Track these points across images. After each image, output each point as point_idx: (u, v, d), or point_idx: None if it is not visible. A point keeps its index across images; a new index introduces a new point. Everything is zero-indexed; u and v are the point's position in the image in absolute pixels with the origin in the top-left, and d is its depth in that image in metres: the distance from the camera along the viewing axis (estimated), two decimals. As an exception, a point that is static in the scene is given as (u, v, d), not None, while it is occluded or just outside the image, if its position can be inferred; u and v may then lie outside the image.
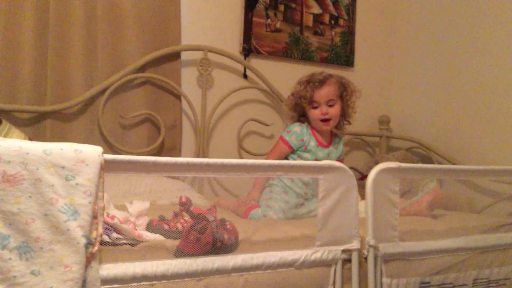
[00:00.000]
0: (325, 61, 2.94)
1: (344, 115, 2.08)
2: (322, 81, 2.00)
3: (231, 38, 2.68)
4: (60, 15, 2.22)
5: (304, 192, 1.98)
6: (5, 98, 2.12)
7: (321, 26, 2.92)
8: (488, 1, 2.60)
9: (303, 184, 1.98)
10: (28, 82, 2.15)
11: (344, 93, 2.04)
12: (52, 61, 2.21)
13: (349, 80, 2.09)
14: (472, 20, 2.68)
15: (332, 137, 2.11)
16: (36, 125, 2.20)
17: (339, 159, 2.09)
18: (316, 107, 2.01)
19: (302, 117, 2.09)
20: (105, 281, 1.08)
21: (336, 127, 2.09)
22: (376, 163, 2.15)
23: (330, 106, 2.00)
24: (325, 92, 1.99)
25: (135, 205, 1.31)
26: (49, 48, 2.20)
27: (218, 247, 1.23)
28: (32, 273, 0.98)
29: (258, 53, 2.72)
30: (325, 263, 1.39)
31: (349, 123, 2.13)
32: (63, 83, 2.24)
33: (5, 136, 1.79)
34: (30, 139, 1.90)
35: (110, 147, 2.31)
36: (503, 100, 2.50)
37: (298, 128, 2.04)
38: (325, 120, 2.01)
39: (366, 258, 1.42)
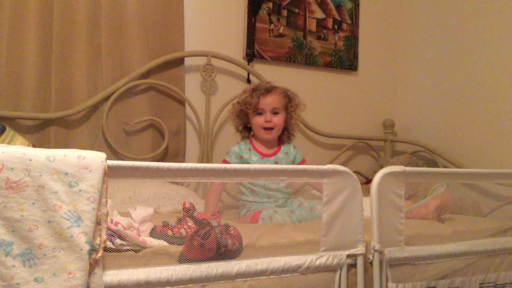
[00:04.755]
0: (328, 65, 2.93)
1: (287, 128, 2.11)
2: (268, 90, 2.04)
3: (234, 44, 2.69)
4: (64, 22, 2.22)
5: (274, 200, 2.00)
6: (9, 105, 2.13)
7: (324, 31, 2.92)
8: (496, 3, 2.58)
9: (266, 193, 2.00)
10: (32, 89, 2.16)
11: (289, 104, 2.07)
12: (56, 68, 2.21)
13: (295, 93, 2.11)
14: (478, 22, 2.67)
15: (280, 145, 2.12)
16: (40, 132, 2.21)
17: (299, 163, 2.11)
18: (260, 114, 2.03)
19: (245, 128, 2.12)
20: (109, 287, 1.08)
21: (279, 139, 2.11)
22: (381, 167, 2.15)
23: (275, 114, 2.03)
24: (270, 100, 2.02)
25: (138, 211, 1.31)
26: (53, 55, 2.20)
27: (222, 253, 1.23)
28: (36, 280, 0.98)
29: (262, 58, 2.72)
30: (330, 268, 1.38)
31: (293, 135, 2.15)
32: (67, 89, 2.24)
33: (9, 143, 1.79)
34: (34, 145, 1.91)
35: (114, 154, 2.31)
36: (508, 103, 2.48)
37: (236, 148, 2.07)
38: (267, 129, 2.03)
39: (371, 263, 1.42)
